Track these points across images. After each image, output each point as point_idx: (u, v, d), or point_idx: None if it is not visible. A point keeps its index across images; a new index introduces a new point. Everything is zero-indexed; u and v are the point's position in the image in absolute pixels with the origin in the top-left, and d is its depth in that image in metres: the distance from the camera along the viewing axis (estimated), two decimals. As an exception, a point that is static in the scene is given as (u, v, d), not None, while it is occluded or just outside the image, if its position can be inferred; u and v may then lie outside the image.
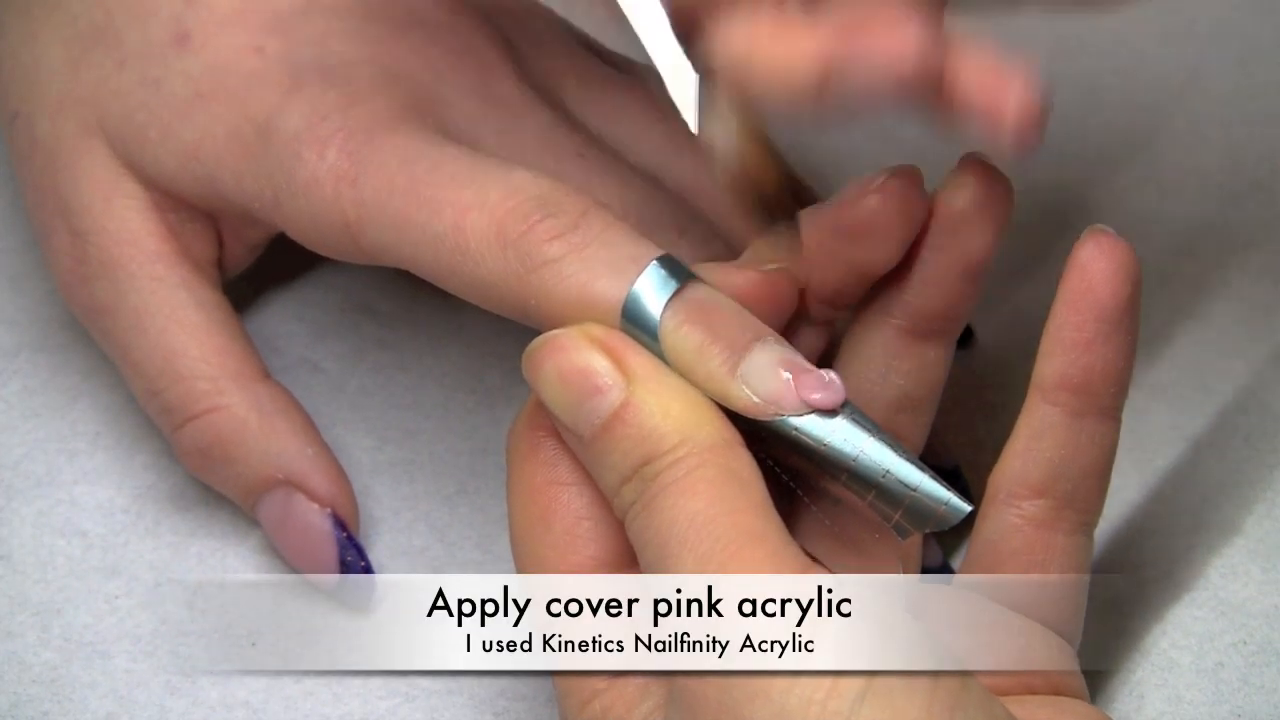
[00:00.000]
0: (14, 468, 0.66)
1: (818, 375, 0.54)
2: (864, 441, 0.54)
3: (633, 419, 0.54)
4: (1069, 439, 0.56)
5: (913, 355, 0.58)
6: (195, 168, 0.63)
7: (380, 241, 0.59)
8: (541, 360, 0.55)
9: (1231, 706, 0.61)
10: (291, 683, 0.62)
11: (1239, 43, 0.76)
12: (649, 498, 0.53)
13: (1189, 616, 0.63)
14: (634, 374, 0.54)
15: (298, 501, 0.63)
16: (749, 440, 0.54)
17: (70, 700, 0.62)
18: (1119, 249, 0.56)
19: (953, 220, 0.57)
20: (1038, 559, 0.57)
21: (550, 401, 0.55)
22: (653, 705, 0.54)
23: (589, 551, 0.56)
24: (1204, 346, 0.70)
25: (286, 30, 0.63)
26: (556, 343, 0.55)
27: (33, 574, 0.64)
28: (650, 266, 0.55)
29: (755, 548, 0.52)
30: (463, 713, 0.62)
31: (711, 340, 0.54)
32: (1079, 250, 0.56)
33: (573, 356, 0.54)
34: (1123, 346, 0.56)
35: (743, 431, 0.54)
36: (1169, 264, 0.72)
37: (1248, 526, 0.65)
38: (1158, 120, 0.76)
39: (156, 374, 0.63)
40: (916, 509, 0.54)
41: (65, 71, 0.64)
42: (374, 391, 0.68)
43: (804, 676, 0.50)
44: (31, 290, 0.70)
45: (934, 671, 0.50)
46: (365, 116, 0.60)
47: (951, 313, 0.58)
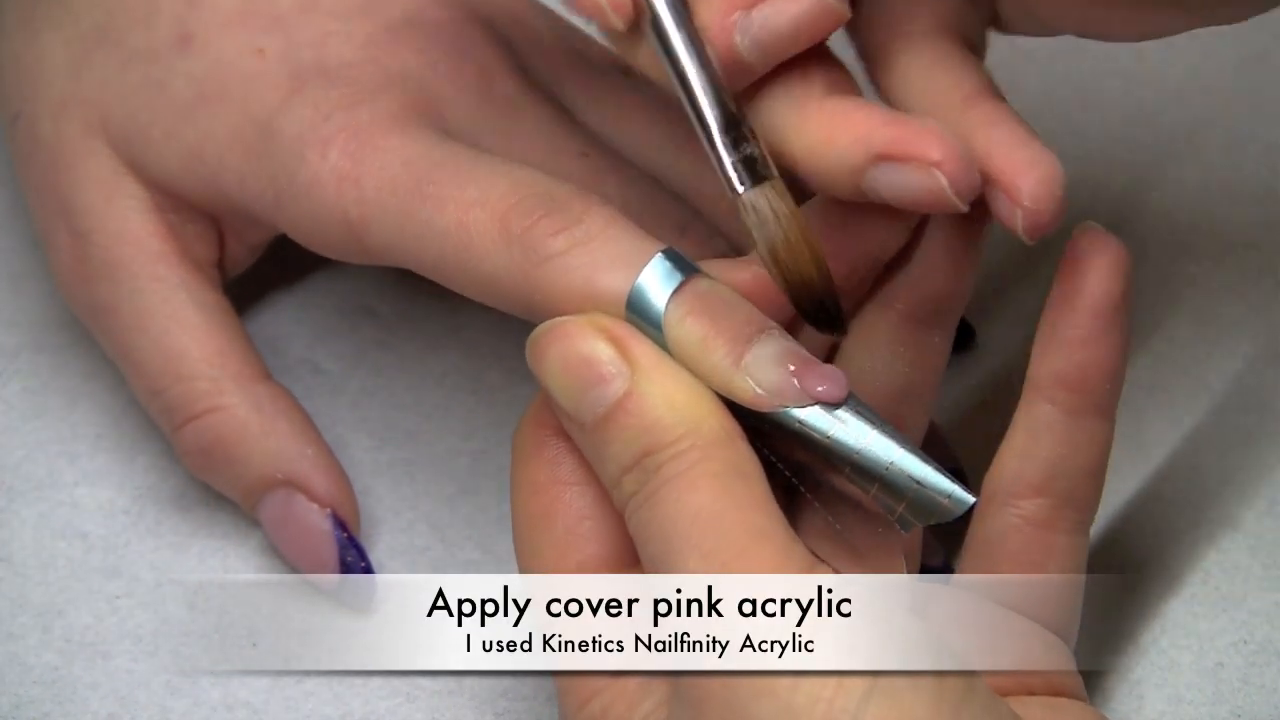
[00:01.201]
0: (15, 469, 0.66)
1: (821, 367, 0.54)
2: (868, 434, 0.54)
3: (636, 408, 0.53)
4: (1066, 438, 0.56)
5: (915, 343, 0.58)
6: (198, 168, 0.63)
7: (384, 240, 0.59)
8: (546, 347, 0.55)
9: (1232, 706, 0.61)
10: (292, 683, 0.62)
11: (1239, 43, 0.76)
12: (651, 490, 0.53)
13: (1189, 615, 0.63)
14: (638, 364, 0.54)
15: (298, 502, 0.63)
16: (750, 434, 0.54)
17: (72, 701, 0.62)
18: (1111, 246, 0.56)
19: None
20: (1036, 559, 0.57)
21: (553, 389, 0.55)
22: (653, 704, 0.54)
23: (590, 551, 0.56)
24: (1204, 346, 0.70)
25: (288, 31, 0.63)
26: (562, 330, 0.55)
27: (34, 575, 0.64)
28: (655, 259, 0.55)
29: (762, 545, 0.52)
30: (463, 713, 0.62)
31: (716, 333, 0.54)
32: (1071, 248, 0.56)
33: (578, 344, 0.54)
34: (1117, 343, 0.56)
35: (744, 426, 0.54)
36: (1169, 264, 0.72)
37: (1248, 524, 0.65)
38: (1158, 120, 0.76)
39: (157, 374, 0.63)
40: (920, 501, 0.54)
41: (67, 72, 0.64)
42: (374, 392, 0.68)
43: (809, 676, 0.50)
44: (32, 290, 0.70)
45: (937, 671, 0.50)
46: (367, 116, 0.60)
47: (953, 292, 0.58)
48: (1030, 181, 0.54)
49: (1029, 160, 0.54)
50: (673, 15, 0.55)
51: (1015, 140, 0.55)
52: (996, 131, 0.55)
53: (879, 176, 0.54)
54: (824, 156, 0.54)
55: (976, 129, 0.55)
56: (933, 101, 0.56)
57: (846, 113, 0.55)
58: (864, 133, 0.54)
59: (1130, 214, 0.74)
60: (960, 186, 0.53)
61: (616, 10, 0.55)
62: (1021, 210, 0.54)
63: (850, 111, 0.55)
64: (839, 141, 0.54)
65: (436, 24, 0.64)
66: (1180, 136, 0.76)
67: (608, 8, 0.54)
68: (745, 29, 0.54)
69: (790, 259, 0.55)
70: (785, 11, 0.54)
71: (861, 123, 0.54)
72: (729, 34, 0.55)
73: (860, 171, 0.54)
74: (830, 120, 0.55)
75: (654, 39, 0.55)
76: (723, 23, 0.55)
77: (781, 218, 0.55)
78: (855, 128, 0.54)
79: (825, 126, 0.55)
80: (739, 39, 0.54)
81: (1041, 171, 0.54)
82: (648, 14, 0.55)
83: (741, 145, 0.55)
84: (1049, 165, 0.54)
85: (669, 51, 0.55)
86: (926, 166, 0.53)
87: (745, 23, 0.54)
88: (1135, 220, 0.73)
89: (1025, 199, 0.54)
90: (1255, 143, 0.75)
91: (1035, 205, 0.54)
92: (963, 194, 0.54)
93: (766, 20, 0.54)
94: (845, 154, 0.54)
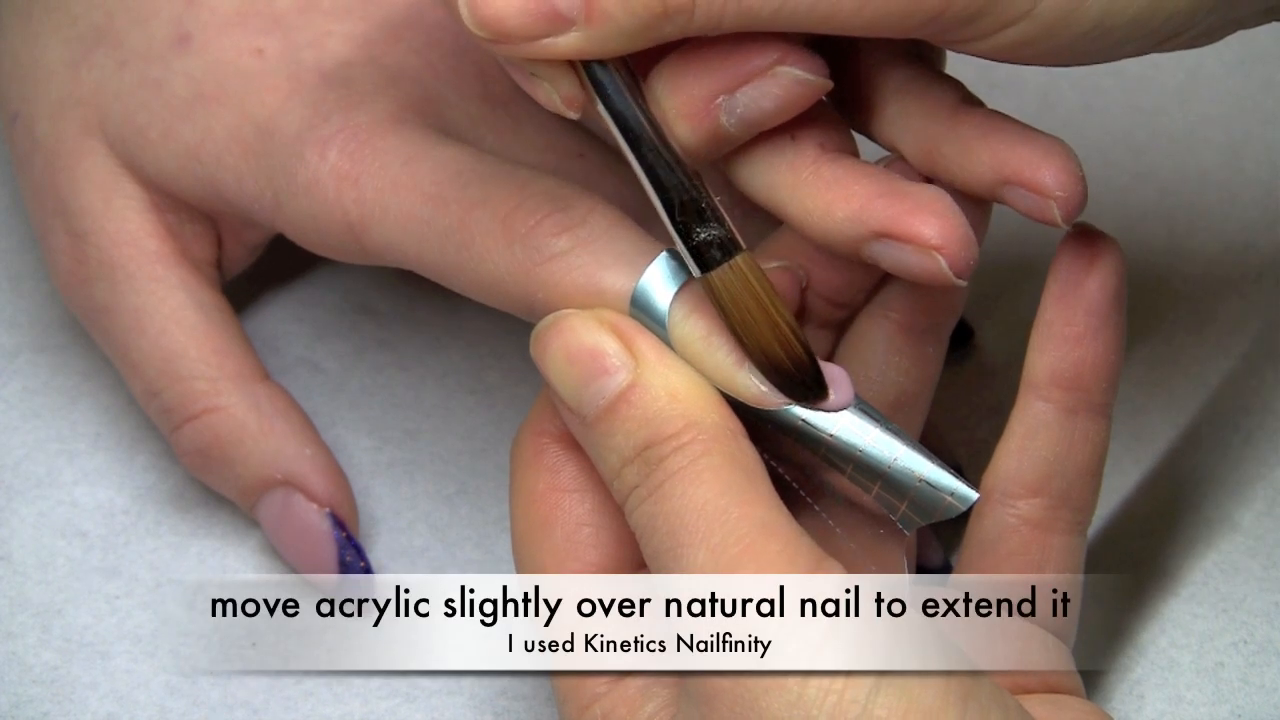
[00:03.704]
0: (14, 469, 0.66)
1: (826, 367, 0.54)
2: (870, 432, 0.54)
3: (638, 400, 0.53)
4: (1063, 437, 0.56)
5: (910, 352, 0.58)
6: (196, 168, 0.63)
7: (384, 240, 0.59)
8: (550, 340, 0.55)
9: (1232, 706, 0.61)
10: (292, 683, 0.62)
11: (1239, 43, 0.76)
12: (655, 484, 0.53)
13: (1189, 615, 0.63)
14: (643, 356, 0.54)
15: (297, 502, 0.63)
16: (751, 436, 0.54)
17: (71, 701, 0.62)
18: (1104, 244, 0.56)
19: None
20: (1034, 560, 0.57)
21: (556, 381, 0.55)
22: (656, 708, 0.54)
23: (589, 558, 0.56)
24: (1204, 346, 0.70)
25: (287, 31, 0.63)
26: (566, 323, 0.55)
27: (33, 575, 0.64)
28: (660, 258, 0.55)
29: (769, 539, 0.52)
30: (463, 713, 0.62)
31: (720, 331, 0.54)
32: (1064, 247, 0.56)
33: (582, 336, 0.54)
34: (1111, 340, 0.56)
35: (746, 426, 0.54)
36: (1169, 264, 0.72)
37: (1247, 524, 0.65)
38: (1158, 120, 0.76)
39: (155, 374, 0.63)
40: (923, 498, 0.54)
41: (66, 72, 0.64)
42: (374, 391, 0.68)
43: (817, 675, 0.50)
44: (31, 291, 0.70)
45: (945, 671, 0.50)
46: (366, 117, 0.60)
47: (948, 303, 0.58)
48: (1052, 172, 0.54)
49: (1042, 152, 0.54)
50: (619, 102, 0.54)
51: (1018, 138, 0.55)
52: (996, 136, 0.55)
53: (878, 251, 0.55)
54: (822, 224, 0.55)
55: (974, 140, 0.55)
56: (919, 127, 0.56)
57: (842, 182, 0.55)
58: (860, 208, 0.54)
59: (1130, 214, 0.74)
60: (959, 267, 0.54)
61: (569, 105, 0.54)
62: (1055, 201, 0.54)
63: (846, 181, 0.55)
64: (836, 214, 0.55)
65: (435, 24, 0.64)
66: (1180, 136, 0.76)
67: (560, 103, 0.54)
68: (730, 110, 0.55)
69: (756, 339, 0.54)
70: (769, 94, 0.54)
71: (858, 196, 0.55)
72: (714, 117, 0.55)
73: (859, 244, 0.55)
74: (827, 190, 0.55)
75: (611, 123, 0.54)
76: (707, 108, 0.55)
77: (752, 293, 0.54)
78: (851, 201, 0.55)
79: (823, 196, 0.55)
80: (725, 119, 0.55)
81: (1057, 158, 0.54)
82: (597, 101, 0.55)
83: (696, 231, 0.54)
84: (1060, 149, 0.55)
85: (620, 138, 0.54)
86: (925, 249, 0.54)
87: (730, 104, 0.55)
88: (1135, 220, 0.73)
89: (1054, 190, 0.54)
90: (1255, 143, 0.75)
91: (1065, 192, 0.54)
92: (961, 274, 0.54)
93: (751, 103, 0.54)
94: (843, 227, 0.55)
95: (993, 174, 0.55)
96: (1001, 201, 0.55)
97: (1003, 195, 0.55)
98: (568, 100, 0.54)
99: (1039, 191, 0.54)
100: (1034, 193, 0.54)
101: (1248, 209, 0.73)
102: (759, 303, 0.54)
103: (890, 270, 0.55)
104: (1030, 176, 0.54)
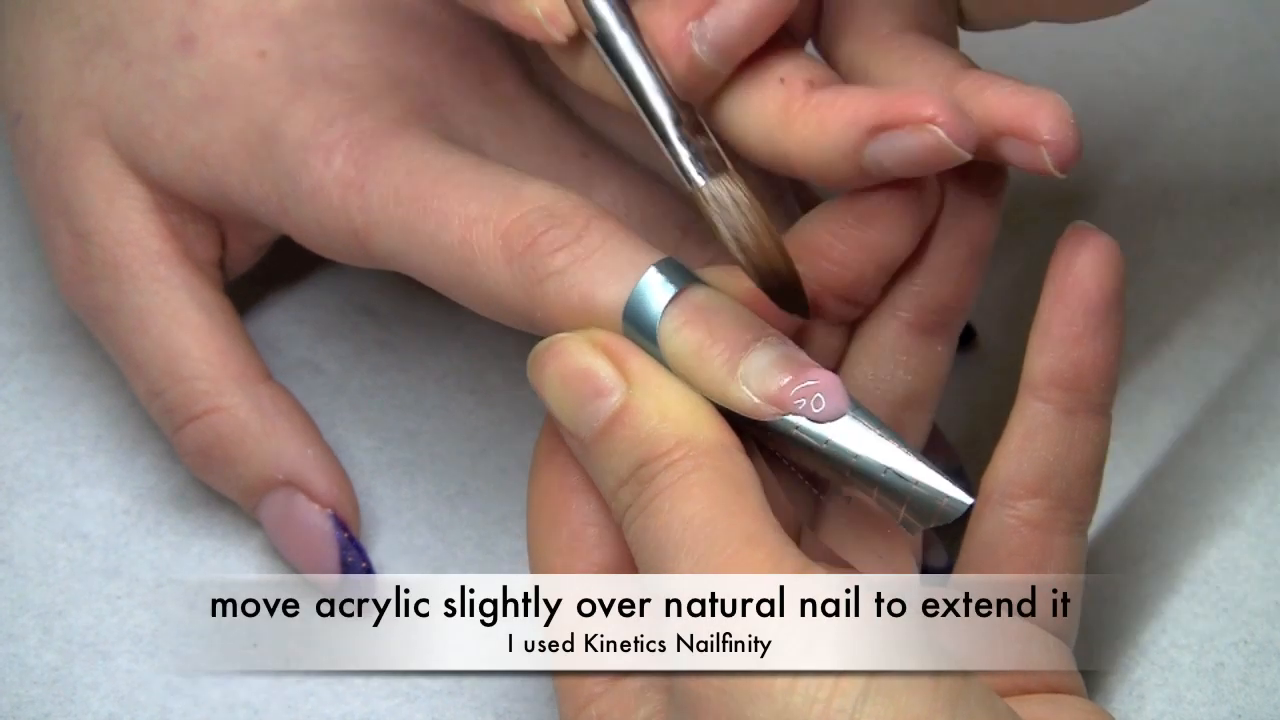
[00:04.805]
0: (15, 470, 0.66)
1: (819, 375, 0.54)
2: (864, 438, 0.54)
3: (631, 421, 0.54)
4: (1062, 437, 0.56)
5: (919, 351, 0.58)
6: (202, 170, 0.63)
7: (388, 249, 0.59)
8: (545, 364, 0.55)
9: (1232, 706, 0.61)
10: (293, 683, 0.62)
11: (1239, 43, 0.76)
12: (645, 500, 0.53)
13: (1189, 614, 0.63)
14: (634, 377, 0.54)
15: (299, 502, 0.63)
16: (760, 441, 0.54)
17: (72, 702, 0.62)
18: (1102, 243, 0.56)
19: (958, 202, 0.57)
20: (1035, 560, 0.57)
21: (553, 405, 0.55)
22: (650, 710, 0.54)
23: (593, 558, 0.56)
24: (1204, 346, 0.70)
25: (290, 33, 0.63)
26: (560, 346, 0.55)
27: (34, 576, 0.64)
28: (649, 271, 0.55)
29: (753, 550, 0.52)
30: (464, 713, 0.62)
31: (711, 342, 0.54)
32: (1063, 247, 0.56)
33: (575, 360, 0.55)
34: (1110, 340, 0.56)
35: (748, 433, 0.54)
36: (1169, 264, 0.72)
37: (1248, 522, 0.65)
38: (1158, 120, 0.76)
39: (158, 375, 0.63)
40: (919, 503, 0.54)
41: (69, 73, 0.64)
42: (375, 392, 0.68)
43: (805, 676, 0.50)
44: (32, 290, 0.70)
45: (934, 671, 0.50)
46: (370, 122, 0.60)
47: (958, 302, 0.58)
48: (1041, 117, 0.54)
49: (1032, 102, 0.54)
50: (617, 21, 0.55)
51: (1010, 91, 0.55)
52: (989, 91, 0.55)
53: (878, 149, 0.54)
54: (819, 146, 0.55)
55: (968, 98, 0.55)
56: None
57: (832, 101, 0.55)
58: (853, 113, 0.54)
59: (1131, 214, 0.74)
60: (959, 135, 0.54)
61: (552, 22, 0.54)
62: (1044, 146, 0.54)
63: (835, 98, 0.55)
64: (831, 128, 0.54)
65: (438, 26, 0.64)
66: (1180, 136, 0.76)
67: (544, 20, 0.54)
68: (700, 36, 0.55)
69: (755, 245, 0.55)
70: (736, 9, 0.55)
71: (849, 105, 0.55)
72: (686, 45, 0.55)
73: (858, 151, 0.54)
74: (818, 111, 0.55)
75: (597, 45, 0.55)
76: (678, 36, 0.55)
77: (742, 205, 0.55)
78: (843, 112, 0.55)
79: (814, 118, 0.55)
80: (697, 47, 0.55)
81: (1048, 106, 0.54)
82: (591, 25, 0.55)
83: (696, 139, 0.55)
84: (1052, 98, 0.55)
85: (615, 56, 0.55)
86: (922, 125, 0.53)
87: (700, 30, 0.55)
88: (1136, 220, 0.73)
89: (1044, 134, 0.54)
90: (1255, 143, 0.75)
91: (1055, 136, 0.54)
92: (963, 142, 0.54)
93: (720, 23, 0.55)
94: (840, 138, 0.54)
95: (988, 128, 0.55)
96: (1001, 159, 0.55)
97: (999, 149, 0.55)
98: (549, 15, 0.54)
99: (1029, 139, 0.54)
100: (1025, 141, 0.54)
101: (1248, 209, 0.73)
102: (755, 209, 0.55)
103: (895, 169, 0.54)
104: (1020, 124, 0.54)
